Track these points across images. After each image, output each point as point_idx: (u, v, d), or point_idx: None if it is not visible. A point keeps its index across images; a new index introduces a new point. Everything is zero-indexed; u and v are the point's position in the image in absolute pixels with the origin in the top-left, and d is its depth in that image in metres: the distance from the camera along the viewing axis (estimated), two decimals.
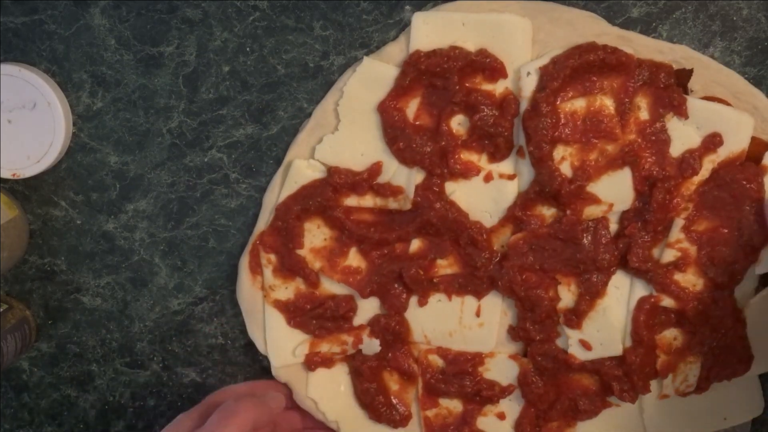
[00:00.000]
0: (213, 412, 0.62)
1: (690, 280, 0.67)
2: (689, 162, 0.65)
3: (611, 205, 0.66)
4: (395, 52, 0.67)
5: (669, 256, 0.67)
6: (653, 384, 0.70)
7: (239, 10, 0.68)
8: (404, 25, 0.68)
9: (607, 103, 0.65)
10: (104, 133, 0.71)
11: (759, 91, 0.66)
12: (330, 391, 0.72)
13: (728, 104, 0.66)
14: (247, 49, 0.69)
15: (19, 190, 0.72)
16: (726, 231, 0.66)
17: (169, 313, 0.74)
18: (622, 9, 0.67)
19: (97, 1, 0.68)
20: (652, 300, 0.67)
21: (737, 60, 0.68)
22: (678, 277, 0.67)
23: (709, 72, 0.66)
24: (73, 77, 0.69)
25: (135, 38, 0.69)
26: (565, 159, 0.65)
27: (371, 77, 0.67)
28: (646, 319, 0.67)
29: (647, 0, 0.67)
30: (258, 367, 0.75)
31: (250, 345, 0.73)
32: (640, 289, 0.68)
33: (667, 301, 0.67)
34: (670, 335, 0.69)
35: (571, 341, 0.69)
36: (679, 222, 0.66)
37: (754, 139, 0.66)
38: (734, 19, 0.67)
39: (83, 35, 0.69)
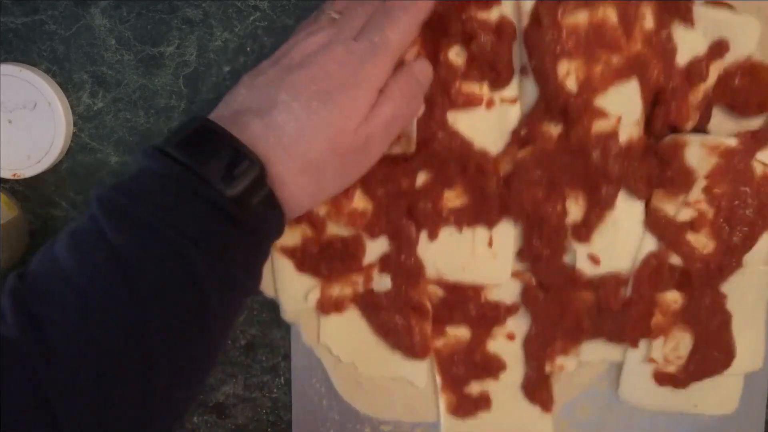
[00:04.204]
0: None
1: (701, 241, 0.65)
2: (697, 69, 0.63)
3: (619, 118, 0.64)
4: None
5: (686, 215, 0.65)
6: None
7: (239, 11, 0.68)
8: None
9: (610, 13, 0.62)
10: (105, 134, 0.71)
11: None
12: (343, 335, 0.70)
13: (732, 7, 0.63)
14: (248, 49, 0.69)
15: (20, 190, 0.72)
16: (746, 191, 0.64)
17: None
18: None
19: (97, 2, 0.68)
20: (660, 255, 0.66)
21: None
22: (690, 237, 0.65)
23: None
24: (73, 77, 0.69)
25: (135, 38, 0.69)
26: (569, 73, 0.63)
27: None
28: (650, 275, 0.66)
29: None
30: (259, 367, 0.75)
31: (250, 345, 0.73)
32: (649, 244, 0.67)
33: (675, 259, 0.66)
34: (672, 297, 0.67)
35: (579, 255, 0.67)
36: (702, 182, 0.64)
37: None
38: None
39: (84, 35, 0.69)
